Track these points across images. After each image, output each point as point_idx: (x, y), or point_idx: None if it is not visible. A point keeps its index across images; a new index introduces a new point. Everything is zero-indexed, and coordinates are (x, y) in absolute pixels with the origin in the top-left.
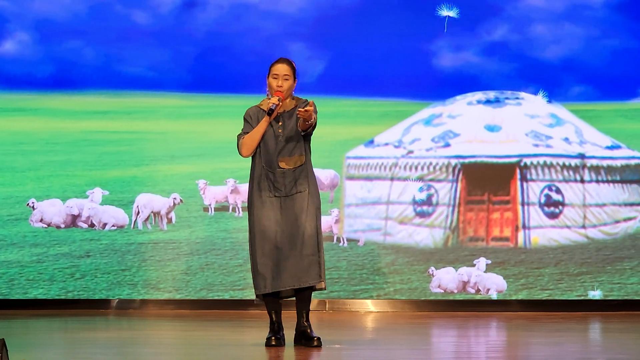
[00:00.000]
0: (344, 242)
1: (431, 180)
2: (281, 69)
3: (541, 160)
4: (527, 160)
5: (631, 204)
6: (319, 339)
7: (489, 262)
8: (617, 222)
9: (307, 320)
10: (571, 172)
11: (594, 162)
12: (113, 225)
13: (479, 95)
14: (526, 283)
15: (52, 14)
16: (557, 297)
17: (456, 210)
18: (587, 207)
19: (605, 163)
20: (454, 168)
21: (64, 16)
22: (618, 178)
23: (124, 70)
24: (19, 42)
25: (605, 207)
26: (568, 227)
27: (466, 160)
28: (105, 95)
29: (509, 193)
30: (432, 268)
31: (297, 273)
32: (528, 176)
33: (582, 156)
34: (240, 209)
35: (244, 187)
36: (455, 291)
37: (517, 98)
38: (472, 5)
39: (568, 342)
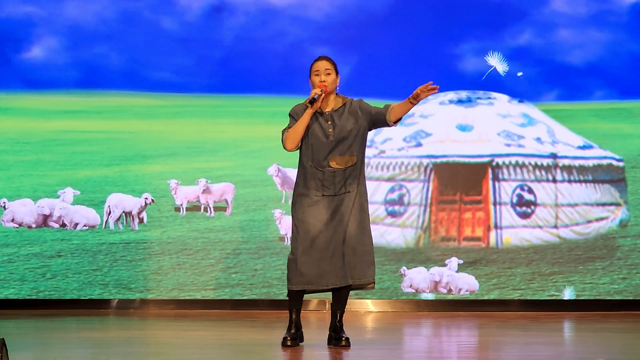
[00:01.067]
0: None
1: (403, 180)
2: (321, 65)
3: (513, 160)
4: (499, 160)
5: (603, 204)
6: (347, 339)
7: (461, 262)
8: (589, 222)
9: (341, 320)
10: (543, 172)
11: (566, 162)
12: (84, 225)
13: (451, 95)
14: (498, 283)
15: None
16: (529, 297)
17: (428, 210)
18: (559, 207)
19: (577, 163)
20: (425, 168)
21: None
22: (590, 178)
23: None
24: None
25: (578, 207)
26: (540, 227)
27: (438, 160)
28: (76, 95)
29: (481, 193)
30: (404, 268)
31: (339, 272)
32: (500, 176)
33: (554, 156)
34: (212, 209)
35: (216, 187)
36: (427, 291)
37: (489, 98)
38: (498, 10)
39: (568, 342)
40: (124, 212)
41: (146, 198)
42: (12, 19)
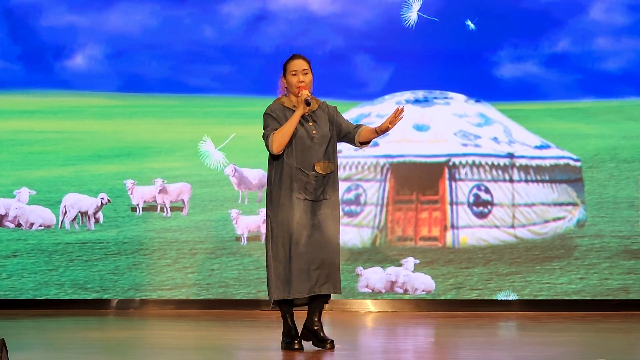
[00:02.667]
0: None
1: (359, 179)
2: (299, 64)
3: (470, 159)
4: (456, 160)
5: (560, 204)
6: (332, 341)
7: (417, 261)
8: (546, 221)
9: (320, 320)
10: (500, 172)
11: (523, 161)
12: (40, 225)
13: (408, 94)
14: (455, 283)
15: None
16: (486, 297)
17: (384, 209)
18: (516, 206)
19: (534, 163)
20: (382, 167)
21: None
22: (547, 178)
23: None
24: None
25: (535, 207)
26: (497, 226)
27: (394, 160)
28: (32, 95)
29: (438, 193)
30: (360, 268)
31: (319, 280)
32: (457, 176)
33: (511, 156)
34: (169, 209)
35: (172, 187)
36: (384, 291)
37: (445, 98)
38: (535, 18)
39: (569, 342)
40: (79, 212)
41: (102, 198)
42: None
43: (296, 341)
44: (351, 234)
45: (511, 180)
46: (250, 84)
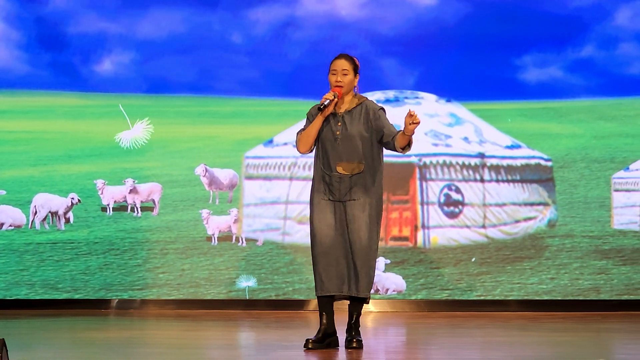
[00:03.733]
0: (242, 242)
1: None
2: (339, 64)
3: (440, 159)
4: (427, 160)
5: (531, 204)
6: (359, 341)
7: (388, 261)
8: (517, 221)
9: (355, 322)
10: (471, 172)
11: (494, 161)
12: (10, 225)
13: (378, 94)
14: (425, 283)
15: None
16: (456, 297)
17: None
18: (487, 206)
19: (505, 162)
20: None
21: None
22: (518, 178)
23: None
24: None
25: (505, 207)
26: (468, 226)
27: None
28: (1, 95)
29: (408, 192)
30: None
31: (344, 280)
32: (427, 175)
33: (481, 155)
34: (139, 209)
35: (143, 187)
36: None
37: (416, 97)
38: (561, 23)
39: (569, 342)
40: (50, 212)
41: (72, 198)
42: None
43: (311, 340)
44: None
45: (482, 180)
46: (278, 87)
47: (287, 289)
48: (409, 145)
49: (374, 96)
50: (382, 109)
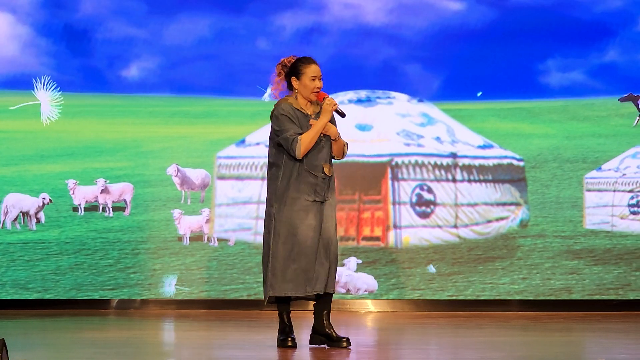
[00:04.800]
0: (214, 242)
1: None
2: (317, 70)
3: (412, 159)
4: (399, 160)
5: (503, 204)
6: (347, 339)
7: (360, 261)
8: (489, 221)
9: (329, 321)
10: (443, 172)
11: (466, 161)
12: None
13: (350, 94)
14: (397, 283)
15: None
16: (428, 298)
17: None
18: (458, 206)
19: (477, 162)
20: None
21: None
22: (490, 177)
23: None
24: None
25: (477, 207)
26: (440, 226)
27: (335, 160)
28: None
29: (380, 192)
30: None
31: (325, 279)
32: (399, 175)
33: (453, 155)
34: (111, 209)
35: (114, 187)
36: None
37: (388, 97)
38: (585, 27)
39: (569, 342)
40: (21, 211)
41: (44, 198)
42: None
43: (289, 338)
44: None
45: (454, 180)
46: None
47: (258, 289)
48: (342, 155)
49: (345, 96)
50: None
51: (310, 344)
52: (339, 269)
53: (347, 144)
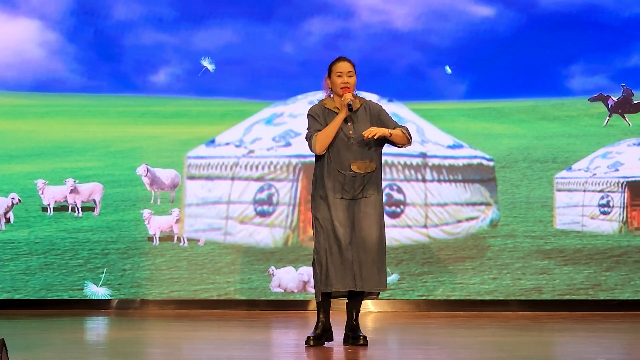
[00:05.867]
0: (184, 242)
1: (272, 179)
2: (344, 66)
3: (382, 159)
4: None
5: (473, 204)
6: (364, 337)
7: None
8: (459, 221)
9: (357, 319)
10: (413, 172)
11: (436, 161)
12: None
13: (320, 94)
14: None
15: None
16: (398, 298)
17: (296, 209)
18: (428, 206)
19: (447, 162)
20: (294, 167)
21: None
22: (460, 177)
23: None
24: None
25: (447, 207)
26: (409, 226)
27: (307, 160)
28: None
29: None
30: (272, 267)
31: (357, 277)
32: None
33: (423, 155)
34: (80, 209)
35: (83, 187)
36: (296, 291)
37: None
38: (609, 32)
39: (569, 342)
40: None
41: (13, 198)
42: None
43: (312, 337)
44: (263, 233)
45: (424, 180)
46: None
47: (228, 289)
48: (408, 141)
49: (315, 96)
50: (382, 107)
51: (344, 343)
52: (309, 268)
53: (406, 128)
